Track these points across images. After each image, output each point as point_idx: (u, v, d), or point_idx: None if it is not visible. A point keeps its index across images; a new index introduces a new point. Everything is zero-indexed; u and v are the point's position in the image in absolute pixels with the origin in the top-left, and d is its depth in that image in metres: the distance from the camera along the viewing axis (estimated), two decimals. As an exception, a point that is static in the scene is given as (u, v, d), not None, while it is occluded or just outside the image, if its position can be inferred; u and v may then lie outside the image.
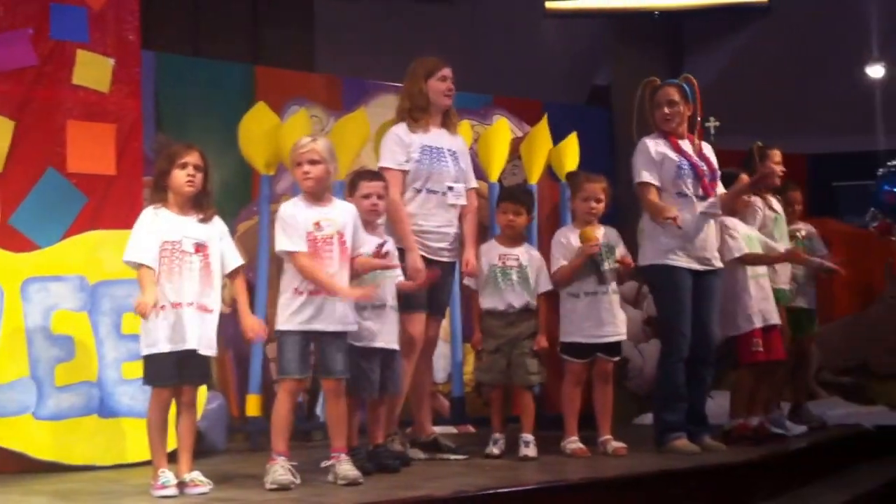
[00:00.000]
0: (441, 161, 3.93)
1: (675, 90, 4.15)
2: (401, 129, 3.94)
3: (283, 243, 3.32)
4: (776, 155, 4.82)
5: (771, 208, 4.74)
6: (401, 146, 3.89)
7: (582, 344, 4.08)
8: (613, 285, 4.13)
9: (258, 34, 7.01)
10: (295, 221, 3.32)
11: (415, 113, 3.93)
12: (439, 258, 3.93)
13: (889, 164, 5.21)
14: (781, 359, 4.53)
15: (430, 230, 3.89)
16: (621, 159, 6.83)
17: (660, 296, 4.24)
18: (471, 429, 5.07)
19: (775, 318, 4.47)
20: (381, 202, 3.63)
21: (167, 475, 3.10)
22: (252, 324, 3.27)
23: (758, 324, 4.39)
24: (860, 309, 6.37)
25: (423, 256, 3.83)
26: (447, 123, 4.02)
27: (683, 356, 4.08)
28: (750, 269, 4.42)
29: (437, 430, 4.18)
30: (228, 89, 5.29)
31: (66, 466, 3.79)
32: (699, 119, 4.27)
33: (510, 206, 4.11)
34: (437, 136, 3.95)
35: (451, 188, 3.94)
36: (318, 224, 3.33)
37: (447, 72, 3.97)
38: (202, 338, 3.17)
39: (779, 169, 4.81)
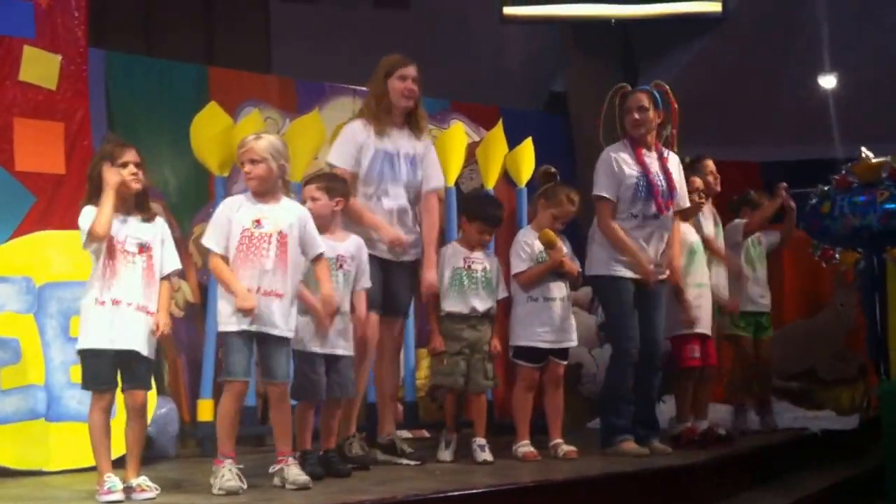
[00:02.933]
0: (394, 167, 3.86)
1: (645, 96, 4.16)
2: (357, 126, 3.85)
3: (206, 239, 3.32)
4: (708, 165, 4.86)
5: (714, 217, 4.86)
6: (352, 145, 3.81)
7: (537, 349, 4.11)
8: (569, 291, 4.19)
9: (213, 34, 6.95)
10: (224, 219, 3.29)
11: (375, 111, 3.85)
12: (397, 259, 3.91)
13: (813, 192, 5.37)
14: (714, 364, 4.63)
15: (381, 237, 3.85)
16: (578, 165, 6.93)
17: (606, 304, 4.33)
18: (424, 433, 5.07)
19: (707, 329, 4.55)
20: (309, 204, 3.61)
21: (112, 480, 3.05)
22: (163, 320, 3.17)
23: (689, 330, 4.46)
24: (809, 315, 6.49)
25: (379, 258, 3.81)
26: (411, 125, 3.92)
27: (632, 361, 4.14)
28: (688, 278, 4.49)
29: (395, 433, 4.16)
30: (181, 89, 5.22)
31: (12, 471, 3.72)
32: (673, 129, 4.28)
33: (485, 227, 4.10)
34: (394, 140, 3.88)
35: (400, 194, 3.88)
36: (258, 221, 3.29)
37: (408, 71, 3.86)
38: (142, 339, 3.13)
39: (713, 177, 4.86)
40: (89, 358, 3.11)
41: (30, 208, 4.07)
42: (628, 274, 4.13)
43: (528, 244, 4.14)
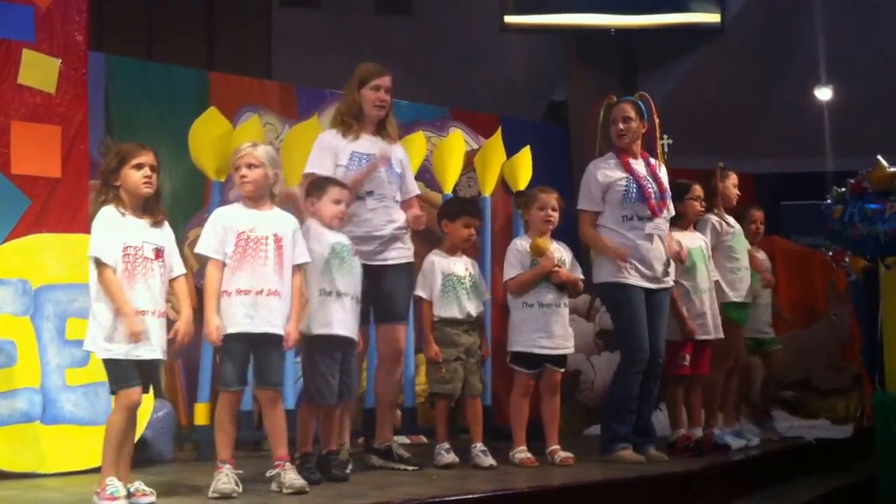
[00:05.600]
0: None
1: (630, 107, 4.25)
2: (329, 134, 3.92)
3: (200, 246, 3.32)
4: (733, 177, 5.02)
5: (728, 224, 4.90)
6: (328, 152, 3.85)
7: (533, 354, 4.11)
8: (566, 298, 4.19)
9: (214, 40, 6.97)
10: (219, 227, 3.30)
11: (347, 119, 3.91)
12: (388, 261, 3.91)
13: (828, 196, 5.40)
14: (705, 373, 4.64)
15: (362, 236, 3.82)
16: (578, 175, 6.93)
17: (616, 312, 4.31)
18: (423, 439, 5.07)
19: (710, 334, 4.58)
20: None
21: (116, 485, 2.99)
22: (184, 327, 3.16)
23: (681, 336, 4.48)
24: (804, 326, 6.51)
25: (365, 264, 3.79)
26: (382, 133, 3.96)
27: (641, 369, 4.15)
28: (689, 284, 4.52)
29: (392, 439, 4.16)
30: (181, 94, 5.23)
31: (6, 474, 3.71)
32: (657, 137, 4.37)
33: (471, 220, 4.16)
34: (367, 144, 3.90)
35: (385, 194, 3.87)
36: (252, 226, 3.32)
37: (381, 81, 3.89)
38: (163, 346, 3.14)
39: (734, 192, 5.00)
40: (111, 363, 3.07)
41: (25, 211, 4.06)
42: (636, 281, 4.15)
43: (520, 250, 4.17)
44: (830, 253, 5.64)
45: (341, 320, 3.52)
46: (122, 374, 3.05)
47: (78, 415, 3.86)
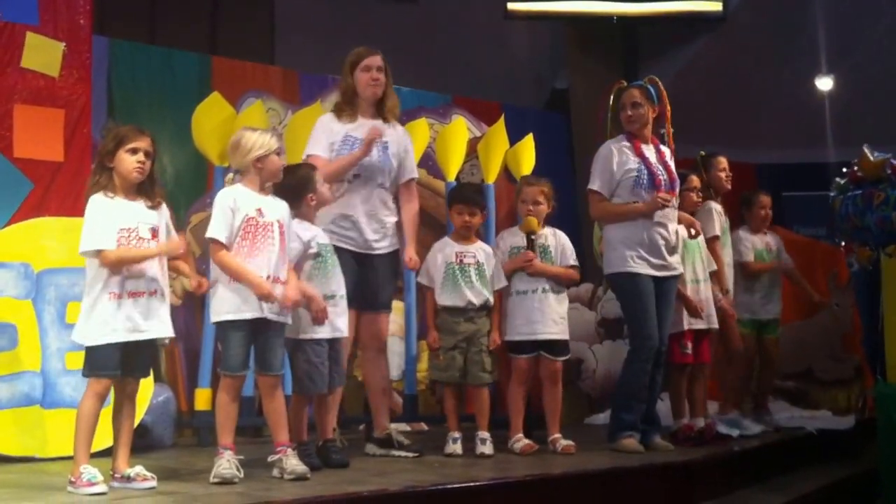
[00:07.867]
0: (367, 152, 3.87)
1: (638, 92, 4.22)
2: (326, 117, 3.97)
3: (212, 230, 3.29)
4: (722, 162, 5.01)
5: (724, 214, 4.91)
6: (324, 133, 3.89)
7: (528, 341, 4.12)
8: (554, 285, 4.18)
9: (217, 25, 6.93)
10: (228, 210, 3.27)
11: (341, 105, 3.95)
12: (372, 251, 3.90)
13: (832, 188, 5.40)
14: (707, 362, 4.66)
15: (356, 220, 3.84)
16: (579, 162, 6.93)
17: (625, 301, 4.30)
18: (423, 426, 5.07)
19: (710, 323, 4.59)
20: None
21: (91, 471, 2.97)
22: (195, 280, 3.24)
23: (686, 326, 4.50)
24: (806, 317, 6.50)
25: (352, 251, 3.82)
26: (382, 113, 3.97)
27: (650, 358, 4.15)
28: (687, 275, 4.52)
29: (392, 426, 4.16)
30: (184, 78, 5.21)
31: (6, 457, 3.72)
32: (668, 121, 4.34)
33: (464, 207, 4.14)
34: (364, 127, 3.90)
35: (377, 178, 3.88)
36: (259, 210, 3.31)
37: (371, 61, 3.92)
38: (160, 324, 3.13)
39: (724, 174, 5.00)
40: (99, 347, 3.06)
41: (27, 195, 4.05)
42: (645, 270, 4.13)
43: (501, 243, 4.25)
44: (843, 244, 5.64)
45: (332, 321, 3.53)
46: (99, 361, 3.04)
47: (78, 398, 3.77)
